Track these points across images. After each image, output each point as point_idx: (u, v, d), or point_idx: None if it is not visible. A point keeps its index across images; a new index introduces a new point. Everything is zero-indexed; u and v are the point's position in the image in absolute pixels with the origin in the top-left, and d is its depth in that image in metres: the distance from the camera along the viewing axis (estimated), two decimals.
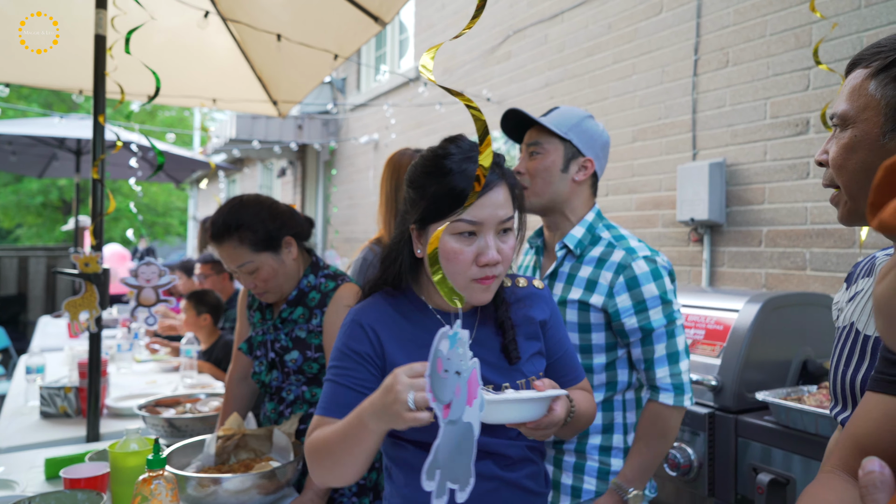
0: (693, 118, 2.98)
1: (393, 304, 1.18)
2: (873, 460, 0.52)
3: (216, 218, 1.66)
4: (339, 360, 1.13)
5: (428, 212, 1.08)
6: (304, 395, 1.70)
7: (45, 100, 14.06)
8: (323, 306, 1.68)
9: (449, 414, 0.76)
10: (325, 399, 1.12)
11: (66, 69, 3.17)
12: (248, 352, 1.78)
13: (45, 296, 8.07)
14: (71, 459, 1.62)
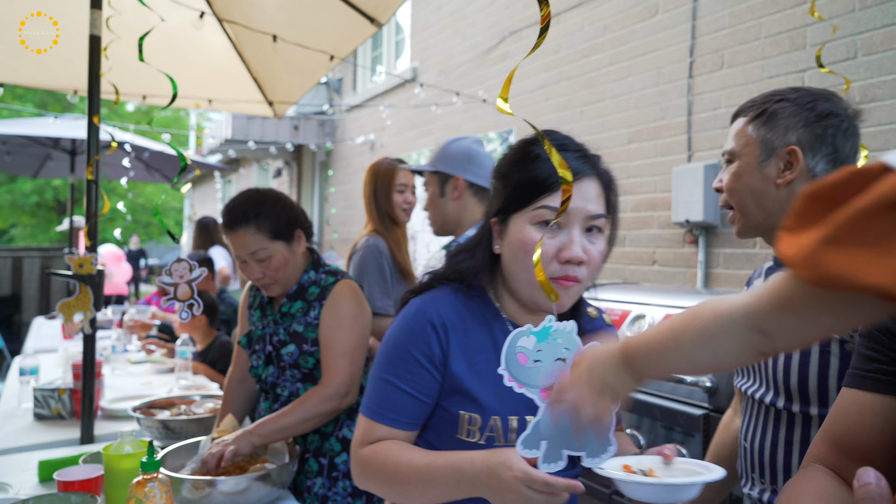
0: (688, 120, 2.99)
1: (464, 304, 1.05)
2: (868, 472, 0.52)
3: (232, 205, 1.68)
4: (399, 358, 1.01)
5: (510, 201, 1.00)
6: (298, 393, 1.70)
7: (39, 100, 14.01)
8: (321, 300, 1.69)
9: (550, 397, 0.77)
10: (381, 402, 1.01)
11: (60, 69, 3.16)
12: (246, 345, 1.78)
13: (39, 297, 8.04)
14: (64, 462, 1.61)
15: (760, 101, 1.19)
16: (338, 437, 1.73)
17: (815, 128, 1.15)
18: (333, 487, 1.70)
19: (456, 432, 1.01)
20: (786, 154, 1.14)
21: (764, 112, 1.17)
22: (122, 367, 3.06)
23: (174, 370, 2.85)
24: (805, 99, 1.16)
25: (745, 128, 1.19)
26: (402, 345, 1.02)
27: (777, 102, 1.16)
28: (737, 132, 1.21)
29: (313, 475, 1.70)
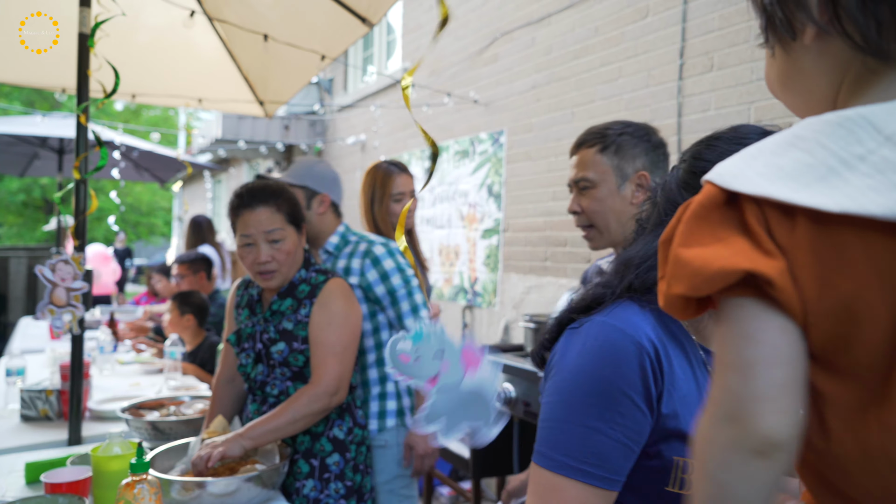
0: (678, 122, 3.01)
1: (659, 322, 0.85)
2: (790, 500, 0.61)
3: (251, 187, 1.68)
4: (606, 397, 0.79)
5: None
6: (287, 391, 1.69)
7: (26, 98, 13.88)
8: (312, 297, 1.69)
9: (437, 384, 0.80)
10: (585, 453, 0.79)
11: (48, 67, 3.13)
12: (235, 343, 1.76)
13: (25, 297, 7.96)
14: (52, 464, 1.60)
15: (601, 134, 1.40)
16: (328, 438, 1.72)
17: (652, 155, 1.40)
18: (325, 490, 1.68)
19: (666, 484, 0.83)
20: (637, 178, 1.38)
21: (612, 143, 1.38)
22: (110, 367, 3.03)
23: (163, 371, 2.83)
24: (640, 132, 1.40)
25: (597, 157, 1.39)
26: (607, 379, 0.80)
27: (620, 135, 1.39)
28: (590, 162, 1.39)
29: (303, 477, 1.69)
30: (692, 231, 0.51)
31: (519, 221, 4.08)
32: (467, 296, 4.64)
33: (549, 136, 3.84)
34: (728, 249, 0.49)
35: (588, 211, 1.40)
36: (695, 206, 0.52)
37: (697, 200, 0.52)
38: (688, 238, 0.51)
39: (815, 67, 0.55)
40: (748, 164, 0.51)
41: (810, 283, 0.47)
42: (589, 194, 1.40)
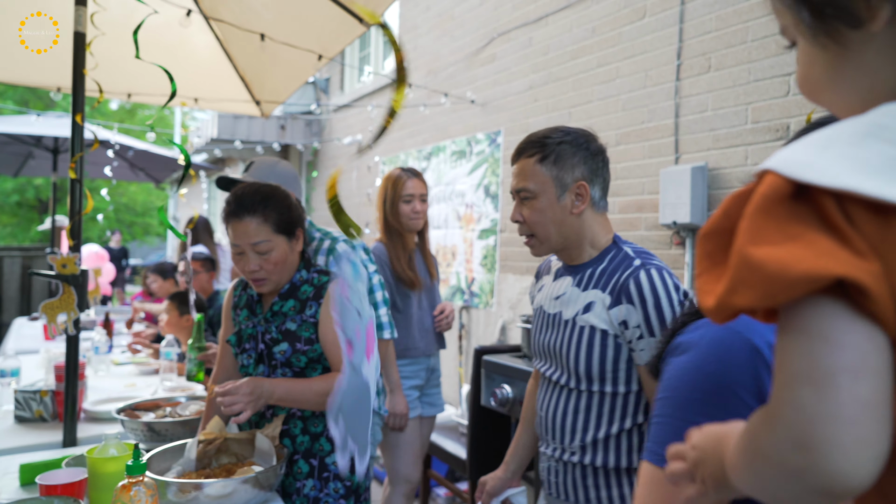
0: (675, 122, 3.01)
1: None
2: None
3: (241, 194, 1.66)
4: (709, 393, 0.77)
5: None
6: None
7: (20, 97, 13.81)
8: (318, 298, 1.69)
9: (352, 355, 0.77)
10: None
11: (43, 66, 3.11)
12: (236, 344, 1.75)
13: (19, 297, 7.91)
14: (47, 465, 1.59)
15: (540, 143, 1.41)
16: (327, 437, 1.71)
17: (591, 164, 1.42)
18: (325, 489, 1.68)
19: None
20: (576, 188, 1.40)
21: (551, 153, 1.40)
22: (105, 368, 3.01)
23: (159, 372, 2.81)
24: (579, 140, 1.42)
25: (536, 168, 1.41)
26: (714, 374, 0.78)
27: (559, 144, 1.40)
28: (530, 173, 1.41)
29: (303, 477, 1.68)
30: (759, 227, 0.44)
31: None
32: (464, 296, 4.63)
33: None
34: (809, 249, 0.41)
35: (529, 221, 1.43)
36: (759, 199, 0.45)
37: (761, 192, 0.45)
38: (756, 235, 0.44)
39: (880, 59, 0.48)
40: (818, 154, 0.44)
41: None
42: (530, 204, 1.43)
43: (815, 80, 0.54)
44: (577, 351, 1.39)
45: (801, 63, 0.55)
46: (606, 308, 1.36)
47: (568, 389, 1.43)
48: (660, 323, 1.31)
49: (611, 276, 1.39)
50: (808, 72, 0.54)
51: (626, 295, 1.33)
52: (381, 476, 4.29)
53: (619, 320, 1.34)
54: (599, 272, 1.41)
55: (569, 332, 1.41)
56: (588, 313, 1.38)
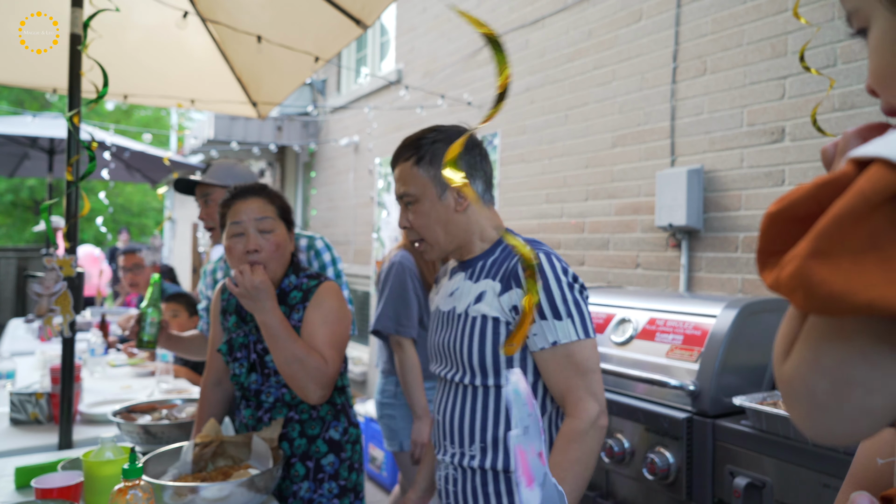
0: (672, 125, 3.02)
1: None
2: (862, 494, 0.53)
3: (243, 184, 1.72)
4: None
5: None
6: (283, 398, 1.68)
7: (15, 97, 13.76)
8: (305, 302, 1.68)
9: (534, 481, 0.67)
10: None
11: (39, 67, 3.11)
12: (227, 353, 1.74)
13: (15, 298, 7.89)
14: (42, 468, 1.58)
15: (414, 145, 1.40)
16: (324, 440, 1.72)
17: (468, 158, 1.40)
18: (319, 490, 1.69)
19: None
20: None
21: (426, 153, 1.38)
22: (101, 370, 3.01)
23: (155, 374, 2.81)
24: (452, 136, 1.40)
25: (414, 171, 1.39)
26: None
27: (433, 144, 1.39)
28: (408, 176, 1.39)
29: (299, 479, 1.68)
30: (844, 233, 0.39)
31: (512, 223, 4.08)
32: None
33: (542, 138, 3.85)
34: (884, 271, 0.37)
35: (416, 225, 1.41)
36: (856, 199, 0.38)
37: (862, 187, 0.38)
38: (832, 243, 0.39)
39: None
40: None
41: None
42: (414, 209, 1.41)
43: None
44: (471, 343, 1.36)
45: (882, 51, 0.48)
46: (497, 295, 1.33)
47: (464, 387, 1.39)
48: (549, 305, 1.29)
49: (501, 264, 1.37)
50: (887, 62, 0.47)
51: (514, 279, 1.32)
52: (378, 478, 4.29)
53: (509, 306, 1.31)
54: (490, 262, 1.40)
55: (461, 326, 1.38)
56: (479, 303, 1.36)
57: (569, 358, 1.29)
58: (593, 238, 3.40)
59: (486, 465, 1.34)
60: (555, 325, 1.29)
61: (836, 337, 0.42)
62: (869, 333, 0.40)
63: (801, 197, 0.43)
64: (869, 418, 0.42)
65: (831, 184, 0.41)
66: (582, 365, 1.30)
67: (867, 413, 0.41)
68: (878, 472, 0.70)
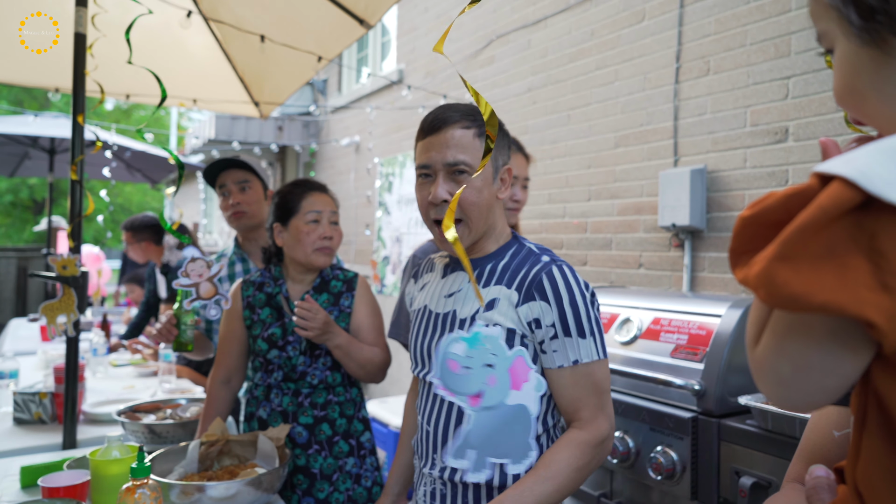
0: (675, 125, 3.02)
1: None
2: (820, 467, 0.60)
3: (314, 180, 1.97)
4: None
5: None
6: (326, 380, 1.81)
7: (15, 97, 13.75)
8: (351, 290, 1.89)
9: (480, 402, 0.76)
10: None
11: (42, 66, 3.10)
12: (280, 337, 1.82)
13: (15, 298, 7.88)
14: (48, 467, 1.58)
15: (471, 115, 1.26)
16: (359, 419, 1.88)
17: (509, 151, 1.34)
18: (363, 465, 1.84)
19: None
20: (504, 172, 1.29)
21: (483, 128, 1.24)
22: (103, 370, 3.00)
23: (157, 373, 2.81)
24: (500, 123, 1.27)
25: (476, 142, 1.25)
26: None
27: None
28: (469, 145, 1.24)
29: (344, 455, 1.81)
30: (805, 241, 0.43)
31: None
32: None
33: (544, 138, 3.85)
34: (838, 277, 0.42)
35: (465, 201, 1.27)
36: (819, 210, 0.43)
37: (823, 203, 0.43)
38: (793, 249, 0.44)
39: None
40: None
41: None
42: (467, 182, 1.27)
43: (859, 88, 0.52)
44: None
45: (843, 71, 0.53)
46: (514, 306, 1.22)
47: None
48: (575, 322, 1.21)
49: (516, 271, 1.26)
50: (852, 80, 0.52)
51: (538, 291, 1.22)
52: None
53: (528, 319, 1.22)
54: (502, 268, 1.28)
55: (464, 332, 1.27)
56: (491, 310, 1.24)
57: (588, 377, 1.23)
58: (596, 238, 3.40)
59: (482, 481, 1.21)
60: (578, 343, 1.22)
61: (798, 329, 0.48)
62: (825, 328, 0.46)
63: (772, 205, 0.48)
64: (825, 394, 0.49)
65: (799, 195, 0.46)
66: (599, 385, 1.24)
67: (824, 390, 0.48)
68: (833, 444, 0.76)
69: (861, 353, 0.47)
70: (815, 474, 0.60)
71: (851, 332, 0.45)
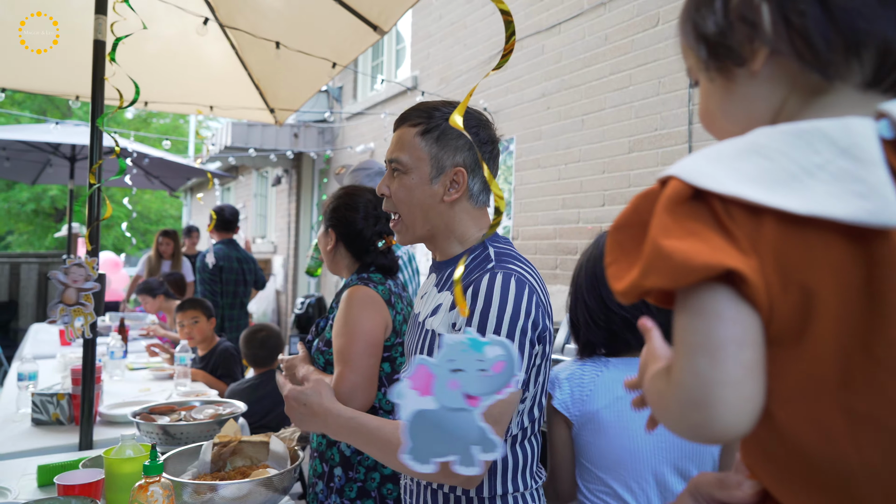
0: (689, 129, 3.00)
1: None
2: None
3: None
4: None
5: None
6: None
7: (38, 106, 14.03)
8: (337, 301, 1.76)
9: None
10: None
11: (62, 75, 3.17)
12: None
13: (36, 303, 8.01)
14: (64, 466, 1.60)
15: (426, 115, 1.25)
16: (338, 448, 1.69)
17: (476, 153, 1.24)
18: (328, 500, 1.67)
19: None
20: (453, 174, 1.24)
21: (434, 128, 1.23)
22: (120, 373, 3.04)
23: (173, 376, 2.83)
24: (470, 123, 1.24)
25: (415, 140, 1.24)
26: None
27: (445, 120, 1.23)
28: (407, 143, 1.25)
29: (316, 476, 1.72)
30: (666, 224, 0.52)
31: (528, 229, 4.07)
32: None
33: (558, 143, 3.84)
34: (706, 245, 0.50)
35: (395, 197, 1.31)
36: (666, 200, 0.53)
37: (667, 194, 0.53)
38: (664, 230, 0.52)
39: (760, 91, 0.59)
40: (712, 165, 0.53)
41: (774, 279, 0.50)
42: (400, 179, 1.29)
43: (711, 111, 0.63)
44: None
45: (702, 98, 0.65)
46: (447, 311, 1.20)
47: None
48: (480, 330, 1.09)
49: (465, 277, 1.20)
50: (706, 105, 0.64)
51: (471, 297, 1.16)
52: None
53: (451, 323, 1.18)
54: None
55: (420, 335, 1.26)
56: (433, 317, 1.23)
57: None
58: None
59: (446, 488, 1.18)
60: None
61: (695, 317, 0.52)
62: (712, 302, 0.51)
63: (627, 211, 0.58)
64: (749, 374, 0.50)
65: (644, 197, 0.57)
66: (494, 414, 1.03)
67: (745, 367, 0.50)
68: None
69: (752, 315, 0.51)
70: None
71: (733, 297, 0.51)
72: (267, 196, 10.12)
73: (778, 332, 0.51)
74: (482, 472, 1.10)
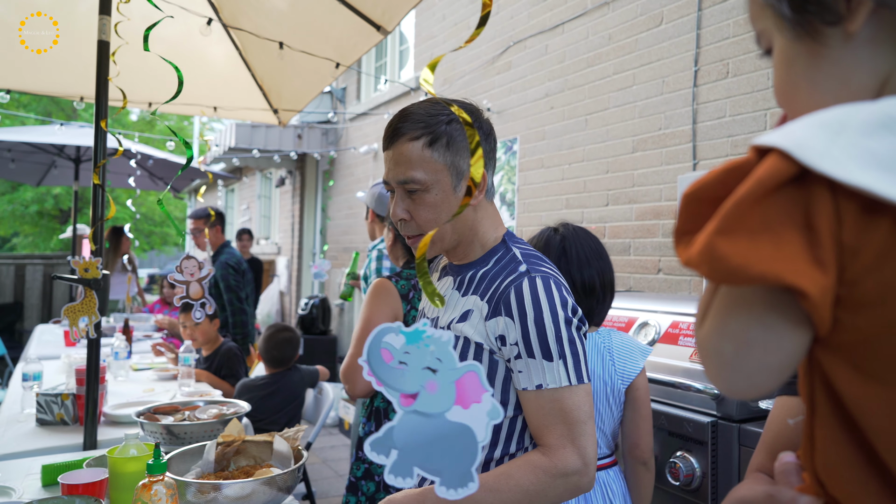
0: (693, 128, 2.99)
1: None
2: (788, 453, 0.62)
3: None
4: None
5: None
6: None
7: (44, 108, 14.07)
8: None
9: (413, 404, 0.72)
10: None
11: (67, 76, 3.18)
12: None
13: (41, 304, 8.03)
14: (68, 466, 1.60)
15: (426, 124, 1.17)
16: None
17: (485, 145, 1.20)
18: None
19: None
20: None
21: (441, 135, 1.16)
22: (124, 373, 3.04)
23: (177, 377, 2.84)
24: (472, 117, 1.18)
25: (425, 154, 1.15)
26: None
27: (448, 124, 1.16)
28: (418, 160, 1.15)
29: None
30: (743, 215, 0.44)
31: (532, 229, 4.07)
32: None
33: (562, 143, 3.84)
34: (774, 250, 0.43)
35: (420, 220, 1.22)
36: (756, 184, 0.44)
37: (760, 176, 0.44)
38: (733, 223, 0.44)
39: (859, 56, 0.48)
40: (832, 140, 0.42)
41: (871, 287, 0.42)
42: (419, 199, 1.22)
43: (794, 80, 0.53)
44: None
45: (780, 65, 0.55)
46: (484, 319, 1.14)
47: None
48: (539, 343, 1.09)
49: (492, 281, 1.17)
50: (787, 73, 0.53)
51: (504, 306, 1.12)
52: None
53: (495, 334, 1.13)
54: (481, 275, 1.20)
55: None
56: (464, 322, 1.17)
57: (555, 404, 1.11)
58: (614, 243, 3.38)
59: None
60: (543, 366, 1.10)
61: (738, 306, 0.49)
62: (764, 302, 0.47)
63: (711, 181, 0.48)
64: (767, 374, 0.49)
65: (737, 169, 0.47)
66: (569, 414, 1.10)
67: (766, 369, 0.48)
68: (790, 432, 0.77)
69: (800, 329, 0.47)
70: (784, 460, 0.61)
71: (789, 305, 0.46)
72: (271, 197, 10.14)
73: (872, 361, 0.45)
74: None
